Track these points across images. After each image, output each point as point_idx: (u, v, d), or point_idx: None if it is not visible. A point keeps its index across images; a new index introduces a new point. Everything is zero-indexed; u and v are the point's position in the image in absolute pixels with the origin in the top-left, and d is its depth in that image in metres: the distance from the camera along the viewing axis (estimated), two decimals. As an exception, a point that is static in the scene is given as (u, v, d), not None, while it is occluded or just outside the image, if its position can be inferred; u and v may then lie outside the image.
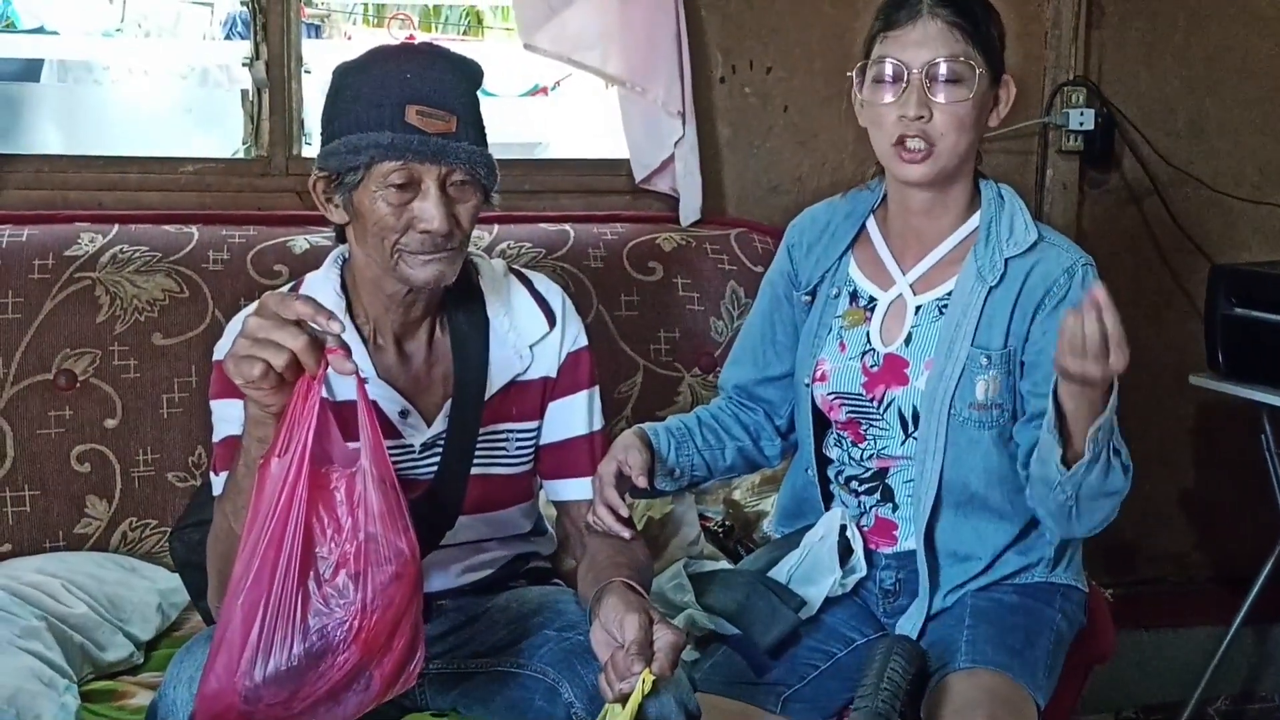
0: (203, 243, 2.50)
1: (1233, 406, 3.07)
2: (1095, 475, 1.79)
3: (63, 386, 2.36)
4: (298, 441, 1.44)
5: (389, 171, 1.68)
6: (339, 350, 1.44)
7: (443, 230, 1.69)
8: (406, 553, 1.48)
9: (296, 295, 1.47)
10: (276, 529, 1.44)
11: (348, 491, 1.47)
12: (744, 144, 3.02)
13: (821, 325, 2.04)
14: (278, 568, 1.43)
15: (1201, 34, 3.30)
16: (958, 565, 1.98)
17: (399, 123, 1.67)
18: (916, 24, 1.87)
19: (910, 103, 1.86)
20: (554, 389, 1.90)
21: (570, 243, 2.71)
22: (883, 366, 1.97)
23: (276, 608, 1.43)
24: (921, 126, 1.86)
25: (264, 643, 1.43)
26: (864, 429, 1.99)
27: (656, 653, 1.53)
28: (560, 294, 1.93)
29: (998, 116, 1.94)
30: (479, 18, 6.62)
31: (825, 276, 2.05)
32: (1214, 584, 3.48)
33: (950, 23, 1.86)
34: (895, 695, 1.76)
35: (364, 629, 1.45)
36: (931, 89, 1.86)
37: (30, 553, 2.31)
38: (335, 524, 1.46)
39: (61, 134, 4.21)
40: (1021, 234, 1.94)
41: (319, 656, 1.44)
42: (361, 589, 1.45)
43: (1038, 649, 1.92)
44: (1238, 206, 3.34)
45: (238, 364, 1.44)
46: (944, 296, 1.96)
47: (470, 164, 1.70)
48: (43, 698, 1.88)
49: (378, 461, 1.48)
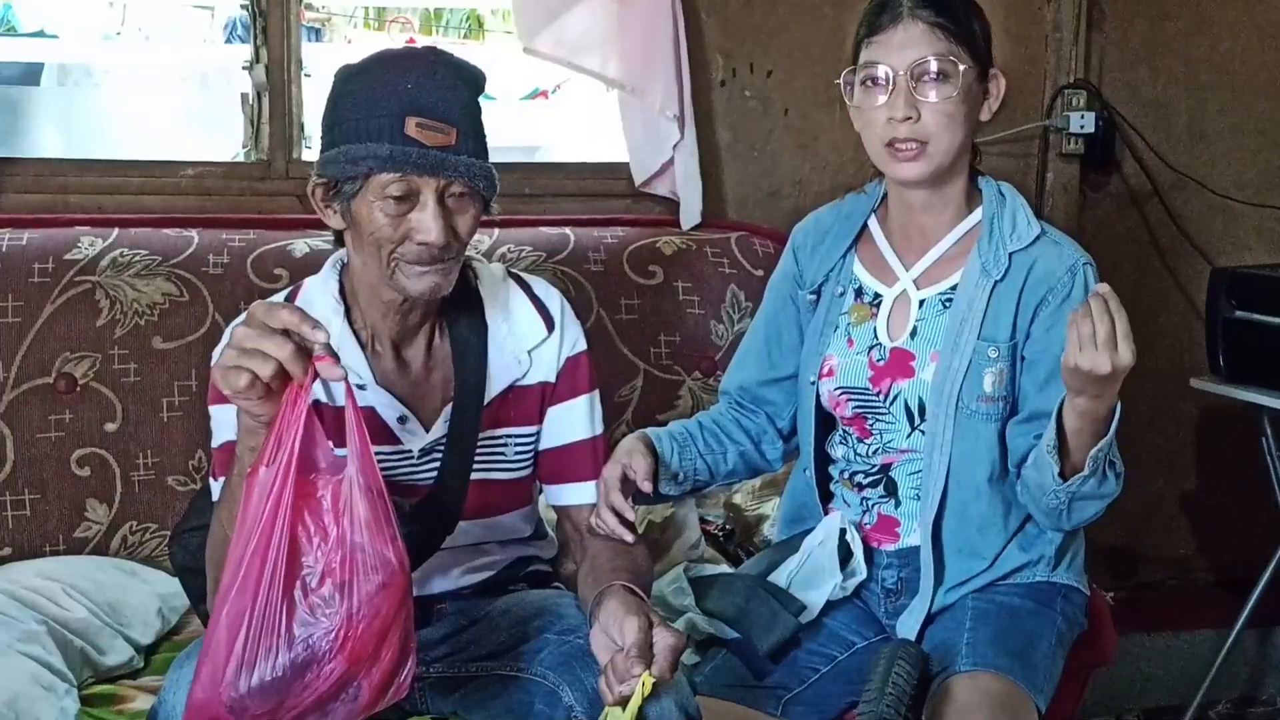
0: (203, 246, 2.50)
1: (1234, 409, 3.07)
2: (1090, 485, 1.83)
3: (63, 390, 2.36)
4: (285, 450, 1.43)
5: (387, 183, 1.67)
6: (327, 358, 1.43)
7: (440, 242, 1.69)
8: (394, 562, 1.46)
9: (283, 304, 1.47)
10: (262, 538, 1.42)
11: (334, 499, 1.45)
12: (744, 147, 3.02)
13: (827, 324, 2.05)
14: (263, 577, 1.42)
15: (1202, 37, 3.30)
16: (962, 559, 1.98)
17: (398, 135, 1.66)
18: (899, 26, 1.89)
19: (898, 104, 1.88)
20: (553, 394, 1.89)
21: (571, 246, 2.71)
22: (889, 360, 1.98)
23: (261, 618, 1.42)
24: (911, 127, 1.88)
25: (249, 653, 1.41)
26: (870, 424, 2.00)
27: (656, 655, 1.52)
28: (559, 298, 1.93)
29: (989, 110, 1.96)
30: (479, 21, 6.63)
31: (830, 275, 2.06)
32: (1216, 587, 3.48)
33: (931, 23, 1.88)
34: (900, 700, 1.75)
35: (350, 639, 1.43)
36: (918, 89, 1.88)
37: (30, 557, 2.31)
38: (322, 532, 1.45)
39: (61, 137, 4.21)
40: (1025, 229, 1.95)
41: (304, 667, 1.42)
42: (347, 598, 1.43)
43: (1038, 651, 1.92)
44: (1238, 209, 3.34)
45: (224, 374, 1.43)
46: (947, 291, 1.97)
47: (469, 177, 1.70)
48: (43, 701, 1.87)
49: (365, 469, 1.46)
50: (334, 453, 1.48)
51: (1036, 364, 1.93)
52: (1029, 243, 1.94)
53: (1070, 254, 1.95)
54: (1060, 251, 1.95)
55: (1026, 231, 1.95)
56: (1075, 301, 1.89)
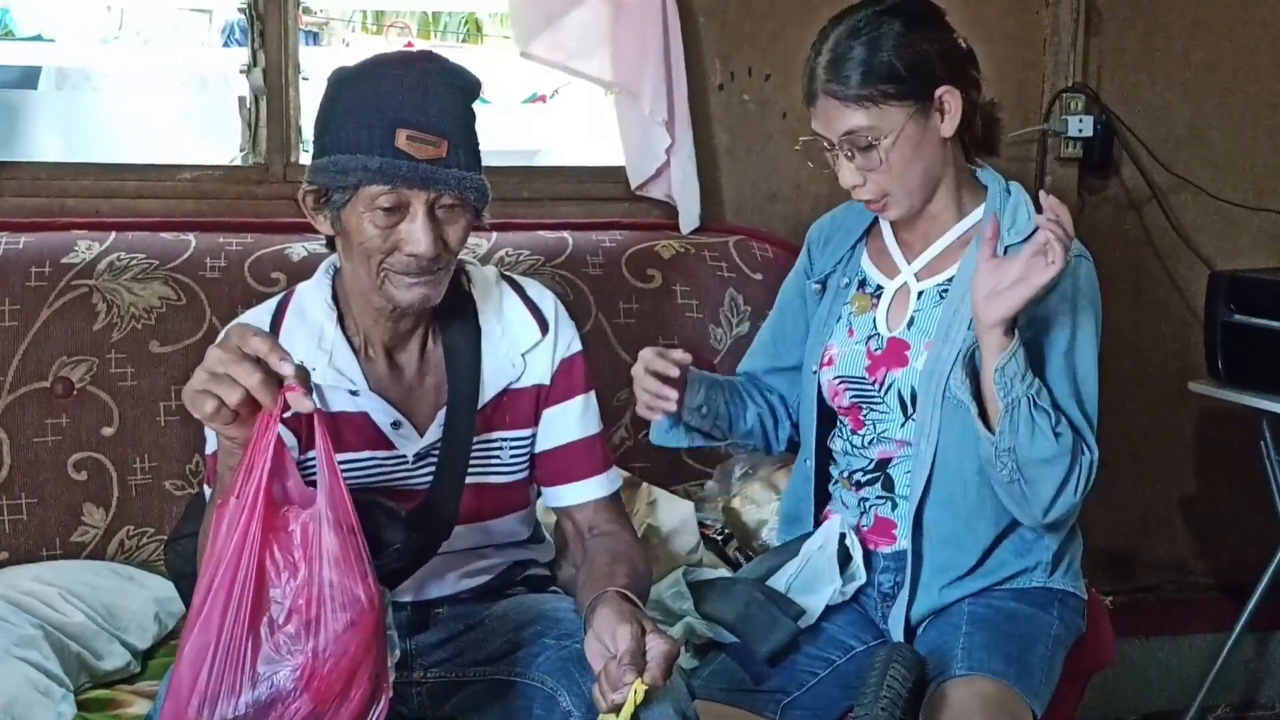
0: (200, 250, 2.50)
1: (1232, 413, 3.07)
2: (1022, 436, 1.82)
3: (60, 394, 2.36)
4: (253, 482, 1.41)
5: (376, 194, 1.66)
6: (298, 388, 1.42)
7: (430, 254, 1.68)
8: (363, 601, 1.44)
9: (256, 330, 1.45)
10: (228, 573, 1.40)
11: (303, 535, 1.43)
12: (743, 151, 3.02)
13: (831, 314, 2.08)
14: (227, 613, 1.40)
15: (1200, 40, 3.30)
16: (948, 550, 1.98)
17: (388, 147, 1.65)
18: (817, 104, 1.93)
19: (845, 175, 1.94)
20: (548, 396, 1.89)
21: (569, 250, 2.70)
22: (886, 350, 2.00)
23: (225, 654, 1.40)
24: (866, 190, 1.93)
25: (211, 689, 1.40)
26: (864, 414, 2.02)
27: (649, 662, 1.52)
28: (553, 300, 1.92)
29: (951, 127, 1.94)
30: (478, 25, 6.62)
31: (837, 267, 2.11)
32: (1214, 591, 3.47)
33: (847, 98, 1.89)
34: (895, 704, 1.75)
35: (316, 678, 1.41)
36: (857, 156, 1.91)
37: (27, 561, 2.31)
38: (291, 567, 1.42)
39: (59, 141, 4.21)
40: (1024, 223, 1.96)
41: (269, 705, 1.41)
42: (313, 636, 1.42)
43: (1034, 655, 1.92)
44: (1237, 213, 3.34)
45: (191, 398, 1.42)
46: (945, 282, 1.99)
47: (459, 190, 1.69)
48: (39, 706, 1.87)
49: (335, 504, 1.44)
50: (305, 485, 1.47)
51: (1033, 358, 1.92)
52: (1025, 236, 1.94)
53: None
54: None
55: (1025, 225, 1.96)
56: (1060, 292, 1.90)
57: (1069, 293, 1.91)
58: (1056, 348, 1.91)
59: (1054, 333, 1.91)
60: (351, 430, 1.78)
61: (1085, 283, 1.94)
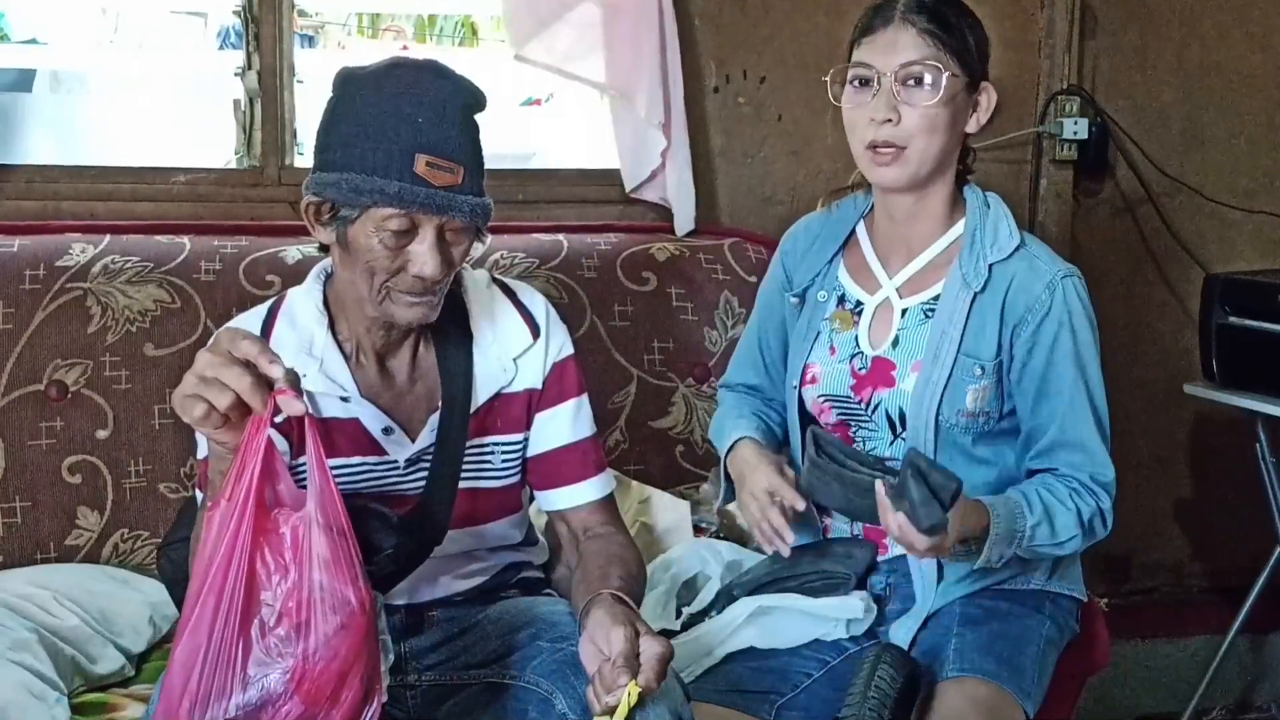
0: (195, 253, 2.50)
1: (1228, 415, 3.08)
2: (1030, 560, 1.92)
3: (54, 397, 2.35)
4: (244, 485, 1.41)
5: (389, 216, 1.65)
6: (288, 391, 1.42)
7: (437, 276, 1.68)
8: (354, 603, 1.44)
9: (246, 333, 1.45)
10: (219, 576, 1.40)
11: (293, 538, 1.43)
12: (738, 154, 3.02)
13: (809, 329, 2.07)
14: (218, 616, 1.40)
15: (1195, 43, 3.31)
16: (950, 566, 1.98)
17: (407, 172, 1.63)
18: (889, 29, 1.90)
19: (880, 106, 1.89)
20: (540, 400, 1.89)
21: (564, 253, 2.70)
22: (870, 369, 1.99)
23: (216, 656, 1.40)
24: (891, 130, 1.89)
25: (202, 692, 1.40)
26: (853, 431, 2.01)
27: (643, 665, 1.53)
28: (544, 304, 1.92)
29: (977, 123, 1.96)
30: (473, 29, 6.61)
31: (815, 280, 2.08)
32: (1210, 593, 3.48)
33: (922, 29, 1.89)
34: (883, 704, 1.75)
35: (307, 680, 1.41)
36: (902, 92, 1.89)
37: (21, 564, 2.30)
38: (281, 570, 1.42)
39: (54, 144, 4.20)
40: (1005, 239, 1.96)
41: (260, 708, 1.41)
42: (304, 639, 1.42)
43: (1026, 656, 1.92)
44: (1232, 215, 3.35)
45: (181, 403, 1.42)
46: (930, 300, 1.98)
47: (471, 215, 1.68)
48: (33, 710, 1.87)
49: (326, 507, 1.44)
50: (296, 488, 1.47)
51: (1023, 385, 1.94)
52: (1009, 253, 1.94)
53: (1047, 269, 1.95)
54: (1038, 267, 1.95)
55: (1007, 242, 1.95)
56: (1054, 319, 1.91)
57: (1064, 317, 1.91)
58: (1065, 377, 1.92)
59: (1059, 363, 1.92)
60: (343, 437, 1.78)
61: (1076, 301, 1.93)
